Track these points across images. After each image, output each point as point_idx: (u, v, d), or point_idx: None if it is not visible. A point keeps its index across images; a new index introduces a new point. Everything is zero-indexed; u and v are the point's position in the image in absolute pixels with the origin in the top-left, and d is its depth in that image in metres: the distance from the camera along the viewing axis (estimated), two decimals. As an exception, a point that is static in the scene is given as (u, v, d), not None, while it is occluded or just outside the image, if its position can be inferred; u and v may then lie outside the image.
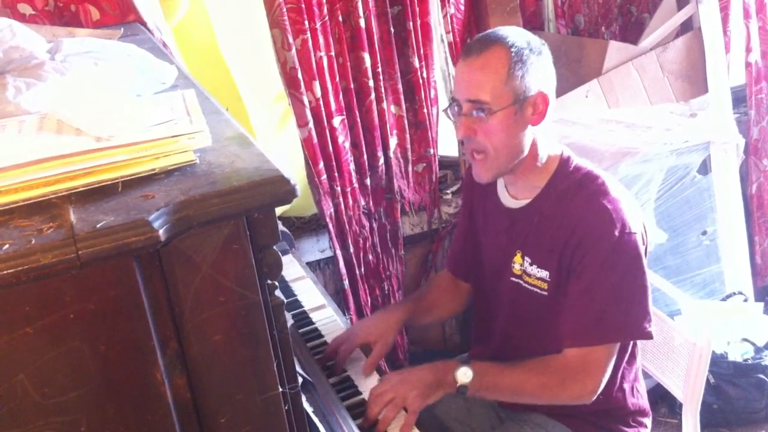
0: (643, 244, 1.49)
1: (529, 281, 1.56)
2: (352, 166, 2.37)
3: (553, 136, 1.55)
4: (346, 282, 2.46)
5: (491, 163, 1.48)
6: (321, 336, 1.74)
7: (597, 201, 1.46)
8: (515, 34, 1.46)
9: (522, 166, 1.51)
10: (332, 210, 2.36)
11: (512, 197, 1.59)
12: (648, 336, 1.48)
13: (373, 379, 1.58)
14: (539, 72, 1.45)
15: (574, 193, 1.49)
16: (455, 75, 1.51)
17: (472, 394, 1.47)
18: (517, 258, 1.58)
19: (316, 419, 1.27)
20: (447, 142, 2.72)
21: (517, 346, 1.62)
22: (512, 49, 1.42)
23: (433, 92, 2.44)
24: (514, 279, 1.59)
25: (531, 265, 1.54)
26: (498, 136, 1.44)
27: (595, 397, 1.48)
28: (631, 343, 1.58)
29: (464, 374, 1.44)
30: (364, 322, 1.73)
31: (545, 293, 1.53)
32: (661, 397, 2.49)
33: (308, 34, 2.13)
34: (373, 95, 2.31)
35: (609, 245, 1.43)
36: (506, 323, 1.64)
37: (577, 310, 1.47)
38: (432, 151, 2.51)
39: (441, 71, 2.55)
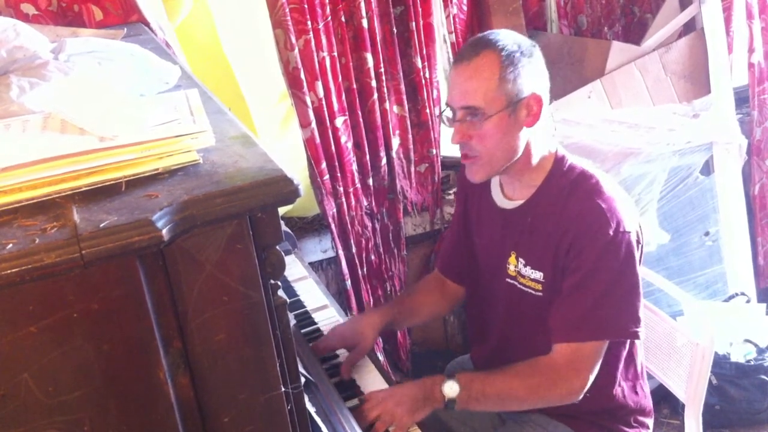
0: (638, 243, 1.49)
1: (524, 282, 1.56)
2: (354, 167, 2.37)
3: (548, 136, 1.55)
4: (349, 282, 2.46)
5: (485, 165, 1.49)
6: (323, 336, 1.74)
7: (591, 200, 1.46)
8: (505, 37, 1.46)
9: (516, 167, 1.51)
10: (335, 210, 2.36)
11: (507, 198, 1.60)
12: (635, 336, 1.49)
13: (377, 379, 1.58)
14: (531, 74, 1.46)
15: (569, 193, 1.49)
16: (449, 82, 1.52)
17: (461, 408, 1.46)
18: (512, 259, 1.58)
19: (318, 419, 1.27)
20: (449, 143, 2.71)
21: (515, 346, 1.62)
22: (503, 53, 1.42)
23: (435, 92, 2.44)
24: (509, 280, 1.59)
25: (525, 266, 1.55)
26: (493, 139, 1.45)
27: (596, 397, 1.48)
28: (628, 341, 1.58)
29: (450, 388, 1.44)
30: (340, 326, 1.69)
31: (539, 294, 1.53)
32: (663, 398, 2.48)
33: (311, 35, 2.13)
34: (375, 95, 2.31)
35: (603, 243, 1.43)
36: (503, 324, 1.64)
37: (567, 305, 1.47)
38: (434, 151, 2.51)
39: (443, 71, 2.55)
